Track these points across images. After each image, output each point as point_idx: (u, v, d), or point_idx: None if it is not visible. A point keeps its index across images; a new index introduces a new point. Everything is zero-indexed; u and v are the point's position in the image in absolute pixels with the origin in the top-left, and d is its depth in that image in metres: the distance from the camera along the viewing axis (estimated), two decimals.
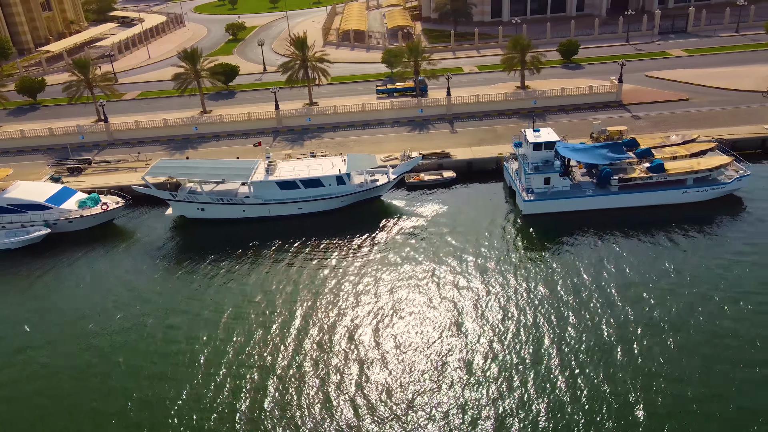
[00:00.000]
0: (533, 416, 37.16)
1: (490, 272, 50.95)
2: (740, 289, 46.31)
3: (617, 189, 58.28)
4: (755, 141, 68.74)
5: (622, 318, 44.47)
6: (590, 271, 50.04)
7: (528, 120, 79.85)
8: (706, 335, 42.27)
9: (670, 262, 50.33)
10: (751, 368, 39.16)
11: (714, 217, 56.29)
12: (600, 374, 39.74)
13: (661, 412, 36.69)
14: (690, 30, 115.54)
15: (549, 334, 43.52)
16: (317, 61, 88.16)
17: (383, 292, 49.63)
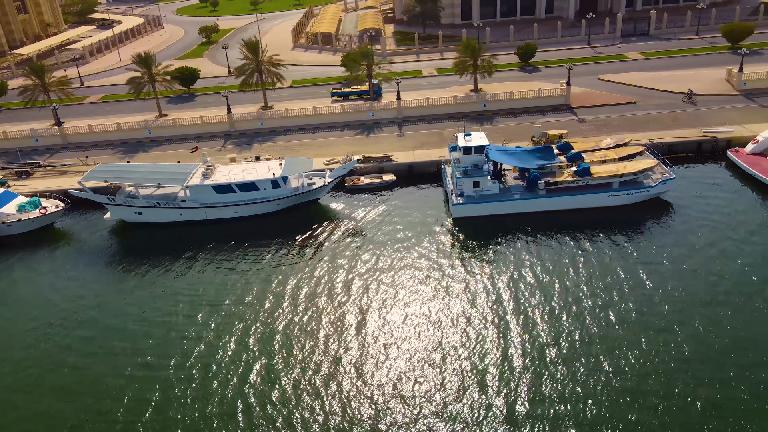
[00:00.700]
0: None
1: (417, 275, 51.88)
2: (656, 289, 47.37)
3: (545, 192, 59.22)
4: (691, 144, 69.67)
5: (540, 318, 45.46)
6: (512, 273, 50.99)
7: (476, 123, 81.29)
8: (625, 333, 43.30)
9: (590, 263, 51.32)
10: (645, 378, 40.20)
11: (638, 219, 57.22)
12: (517, 378, 40.70)
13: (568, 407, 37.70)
14: (652, 33, 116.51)
15: (468, 335, 44.43)
16: (271, 65, 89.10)
17: (314, 294, 50.52)
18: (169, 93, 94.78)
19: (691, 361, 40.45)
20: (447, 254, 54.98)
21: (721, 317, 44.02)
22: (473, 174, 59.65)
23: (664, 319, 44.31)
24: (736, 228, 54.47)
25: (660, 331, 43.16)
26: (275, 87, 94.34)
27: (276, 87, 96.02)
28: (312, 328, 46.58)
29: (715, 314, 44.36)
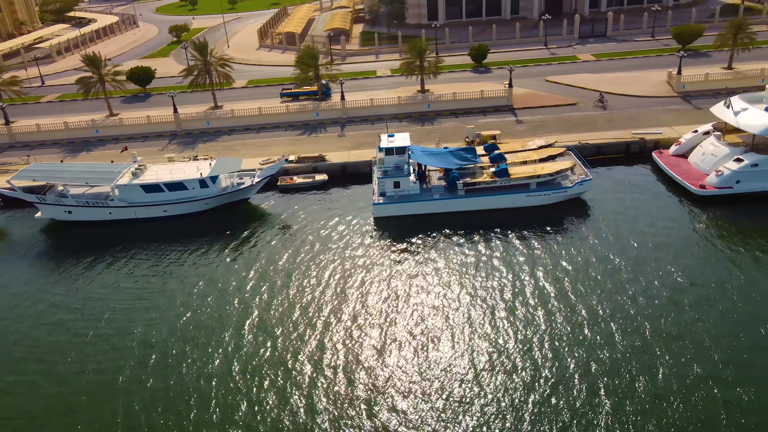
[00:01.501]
0: None
1: (336, 272, 52.92)
2: (562, 286, 48.61)
3: (464, 193, 60.35)
4: (620, 146, 70.75)
5: (448, 314, 46.60)
6: (425, 271, 52.10)
7: (418, 123, 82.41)
8: (534, 327, 44.46)
9: (499, 261, 52.37)
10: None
11: (554, 220, 58.17)
12: (425, 375, 41.86)
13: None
14: (609, 34, 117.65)
15: (385, 330, 45.50)
16: (219, 65, 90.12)
17: (237, 290, 51.51)
18: (119, 93, 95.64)
19: (598, 348, 41.66)
20: (366, 252, 55.89)
21: (627, 311, 45.24)
22: (394, 174, 60.73)
23: (573, 313, 45.42)
24: (645, 227, 55.45)
25: (573, 326, 44.34)
26: (225, 87, 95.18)
27: (226, 87, 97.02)
28: (235, 324, 47.41)
29: (621, 308, 45.66)
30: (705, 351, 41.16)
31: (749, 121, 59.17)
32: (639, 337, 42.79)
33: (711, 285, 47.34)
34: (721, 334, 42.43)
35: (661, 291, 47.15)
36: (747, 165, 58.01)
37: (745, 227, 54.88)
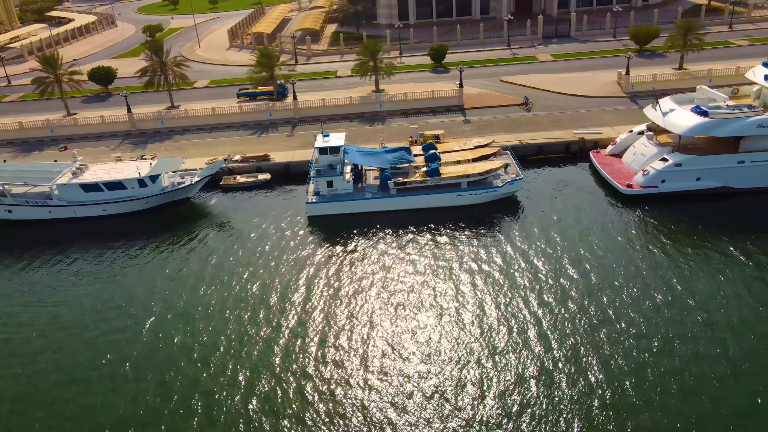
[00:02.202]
0: None
1: (269, 268, 53.97)
2: (489, 283, 49.55)
3: (396, 192, 61.25)
4: (560, 146, 71.62)
5: (373, 311, 47.46)
6: (350, 270, 52.99)
7: (369, 123, 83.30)
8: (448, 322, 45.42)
9: (427, 259, 53.23)
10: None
11: (484, 218, 59.01)
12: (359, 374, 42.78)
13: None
14: (573, 35, 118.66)
15: (317, 328, 46.29)
16: (175, 65, 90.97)
17: (174, 288, 52.44)
18: (75, 93, 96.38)
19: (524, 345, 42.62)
20: (297, 250, 56.67)
21: (548, 307, 46.15)
22: (327, 174, 61.64)
23: (494, 309, 46.30)
24: (571, 226, 56.27)
25: (494, 321, 45.29)
26: (186, 87, 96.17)
27: (187, 87, 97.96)
28: (169, 321, 48.23)
29: (543, 303, 46.57)
30: (626, 347, 41.94)
31: (675, 121, 60.04)
32: (558, 332, 43.56)
33: (633, 284, 47.97)
34: (632, 327, 43.43)
35: (579, 286, 48.07)
36: (671, 165, 58.93)
37: (667, 226, 55.66)
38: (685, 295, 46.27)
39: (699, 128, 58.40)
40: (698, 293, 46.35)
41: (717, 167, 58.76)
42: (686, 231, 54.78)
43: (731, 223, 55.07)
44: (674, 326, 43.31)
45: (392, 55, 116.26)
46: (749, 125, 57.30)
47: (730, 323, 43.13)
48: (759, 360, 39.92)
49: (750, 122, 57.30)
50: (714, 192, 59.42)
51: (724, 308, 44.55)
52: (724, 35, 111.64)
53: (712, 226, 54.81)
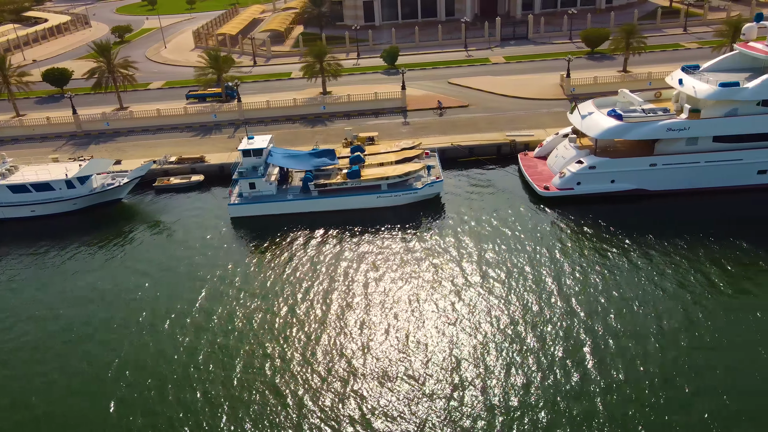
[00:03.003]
0: None
1: (191, 267, 54.87)
2: (398, 283, 50.39)
3: (317, 194, 62.10)
4: (491, 147, 72.46)
5: (291, 312, 48.38)
6: (267, 270, 53.88)
7: (311, 125, 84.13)
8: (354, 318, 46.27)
9: (346, 261, 53.87)
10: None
11: (405, 219, 59.78)
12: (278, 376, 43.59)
13: None
14: (530, 36, 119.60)
15: (230, 328, 46.93)
16: (122, 67, 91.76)
17: (96, 288, 53.25)
18: (23, 95, 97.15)
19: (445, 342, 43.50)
20: (218, 250, 57.57)
21: (460, 305, 47.02)
22: (249, 176, 62.46)
23: (402, 306, 47.19)
24: (487, 227, 56.97)
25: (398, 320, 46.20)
26: (140, 89, 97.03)
27: (141, 89, 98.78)
28: (96, 321, 48.96)
29: (458, 301, 47.44)
30: (533, 345, 42.92)
31: (590, 124, 60.90)
32: (461, 328, 44.47)
33: (538, 286, 48.66)
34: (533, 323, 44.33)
35: (488, 285, 49.01)
36: (585, 167, 59.78)
37: (578, 227, 56.26)
38: (585, 294, 47.10)
39: (612, 131, 59.28)
40: (600, 292, 47.16)
41: (630, 170, 59.62)
42: (595, 231, 55.53)
43: (640, 224, 55.80)
44: (574, 324, 44.15)
45: (350, 56, 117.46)
46: (659, 129, 58.17)
47: (636, 322, 43.76)
48: (664, 359, 40.59)
49: (660, 126, 58.16)
50: (628, 194, 60.30)
51: (628, 309, 45.15)
52: (677, 38, 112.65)
53: (620, 227, 55.57)
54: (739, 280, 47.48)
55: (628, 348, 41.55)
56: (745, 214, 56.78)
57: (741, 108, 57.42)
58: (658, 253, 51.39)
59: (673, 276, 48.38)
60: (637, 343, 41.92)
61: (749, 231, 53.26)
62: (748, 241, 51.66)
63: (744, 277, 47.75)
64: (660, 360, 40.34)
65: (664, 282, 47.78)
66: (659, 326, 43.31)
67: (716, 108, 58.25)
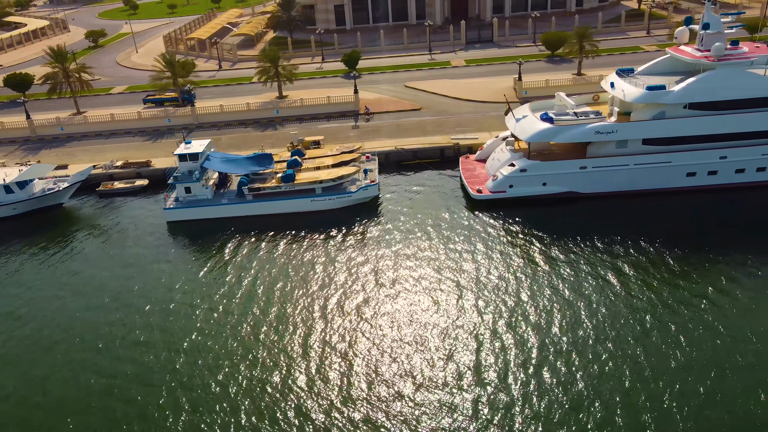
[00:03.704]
0: None
1: (123, 271, 55.36)
2: (333, 286, 50.63)
3: (251, 198, 62.39)
4: (435, 151, 72.72)
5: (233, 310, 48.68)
6: (201, 270, 54.46)
7: (262, 129, 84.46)
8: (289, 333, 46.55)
9: (278, 264, 54.26)
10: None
11: (339, 223, 59.98)
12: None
13: None
14: (495, 40, 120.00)
15: (180, 333, 46.99)
16: (78, 71, 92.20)
17: (29, 291, 53.74)
18: (3, 98, 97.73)
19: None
20: (154, 254, 58.14)
21: (395, 306, 47.53)
22: (185, 180, 62.72)
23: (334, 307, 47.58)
24: (420, 231, 57.17)
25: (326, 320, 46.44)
26: (82, 94, 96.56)
27: (103, 93, 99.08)
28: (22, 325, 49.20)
29: (394, 302, 47.95)
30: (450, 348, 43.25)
31: (522, 128, 61.15)
32: (391, 327, 44.98)
33: (470, 289, 48.87)
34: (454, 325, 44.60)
35: (416, 288, 49.37)
36: (517, 170, 60.02)
37: (507, 229, 56.42)
38: (505, 296, 47.42)
39: (541, 134, 59.54)
40: (523, 293, 47.52)
41: (561, 173, 59.85)
42: (524, 234, 55.62)
43: (569, 227, 55.93)
44: (497, 324, 44.58)
45: (315, 60, 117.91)
46: (588, 131, 58.42)
47: (564, 323, 44.12)
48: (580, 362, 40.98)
49: (588, 129, 58.42)
50: (560, 197, 60.56)
51: (559, 311, 45.43)
52: (640, 40, 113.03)
53: (549, 230, 55.68)
54: (664, 279, 47.91)
55: (550, 345, 42.02)
56: (674, 215, 57.05)
57: (668, 111, 57.70)
58: (583, 254, 51.62)
59: (595, 276, 48.71)
60: (560, 341, 42.28)
61: (677, 232, 53.66)
62: (675, 242, 51.97)
63: (671, 275, 48.23)
64: (590, 354, 40.90)
65: (587, 281, 48.23)
66: (585, 324, 43.78)
67: (645, 111, 58.53)
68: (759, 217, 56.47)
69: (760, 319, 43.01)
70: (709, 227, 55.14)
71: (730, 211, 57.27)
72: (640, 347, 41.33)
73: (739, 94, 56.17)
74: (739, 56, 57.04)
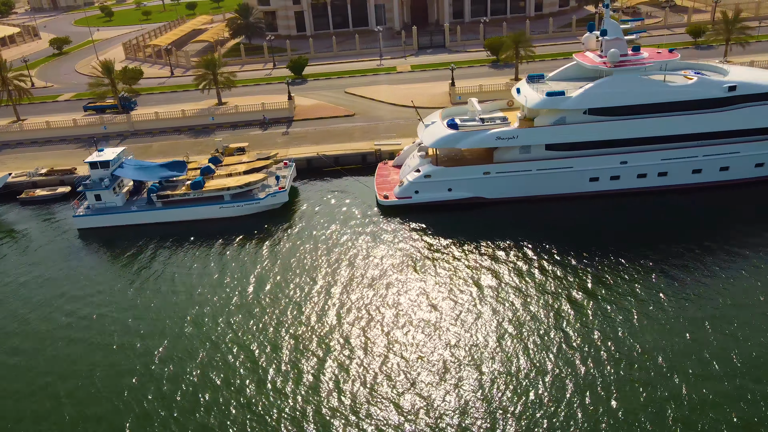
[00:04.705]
0: None
1: (29, 282, 55.56)
2: (232, 289, 51.14)
3: (161, 205, 62.67)
4: (357, 157, 72.99)
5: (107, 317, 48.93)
6: (113, 277, 55.34)
7: (195, 136, 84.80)
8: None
9: (183, 270, 54.87)
10: None
11: (248, 229, 60.29)
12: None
13: None
14: (448, 45, 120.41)
15: None
16: (15, 79, 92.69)
17: None
18: None
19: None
20: (58, 260, 58.61)
21: (310, 309, 47.95)
22: (95, 187, 63.05)
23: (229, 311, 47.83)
24: (322, 237, 57.40)
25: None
26: (18, 102, 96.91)
27: (49, 100, 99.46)
28: None
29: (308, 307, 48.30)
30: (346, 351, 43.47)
31: (428, 134, 61.41)
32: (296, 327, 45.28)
33: (370, 294, 49.22)
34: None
35: (320, 294, 49.74)
36: (421, 176, 60.27)
37: (412, 234, 56.68)
38: (408, 299, 47.96)
39: (444, 140, 59.78)
40: (422, 299, 47.87)
41: (465, 178, 60.07)
42: (424, 240, 55.80)
43: (468, 231, 56.34)
44: (398, 326, 44.97)
45: (267, 66, 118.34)
46: (488, 137, 58.68)
47: (464, 325, 44.55)
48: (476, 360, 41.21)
49: (490, 135, 58.68)
50: (467, 202, 60.77)
51: (458, 314, 45.76)
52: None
53: (450, 235, 56.06)
54: (565, 283, 48.21)
55: (461, 349, 42.41)
56: (576, 221, 57.24)
57: (568, 117, 57.94)
58: (480, 259, 51.90)
59: (494, 280, 49.23)
60: (459, 345, 42.52)
61: (578, 236, 54.08)
62: (575, 246, 52.30)
63: (572, 279, 48.56)
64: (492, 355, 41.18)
65: (486, 284, 48.75)
66: (489, 325, 44.38)
67: (546, 117, 58.78)
68: (658, 219, 56.46)
69: (654, 316, 43.31)
70: (610, 231, 55.20)
71: (632, 216, 57.35)
72: (536, 347, 41.76)
73: (634, 100, 56.42)
74: (635, 62, 57.28)
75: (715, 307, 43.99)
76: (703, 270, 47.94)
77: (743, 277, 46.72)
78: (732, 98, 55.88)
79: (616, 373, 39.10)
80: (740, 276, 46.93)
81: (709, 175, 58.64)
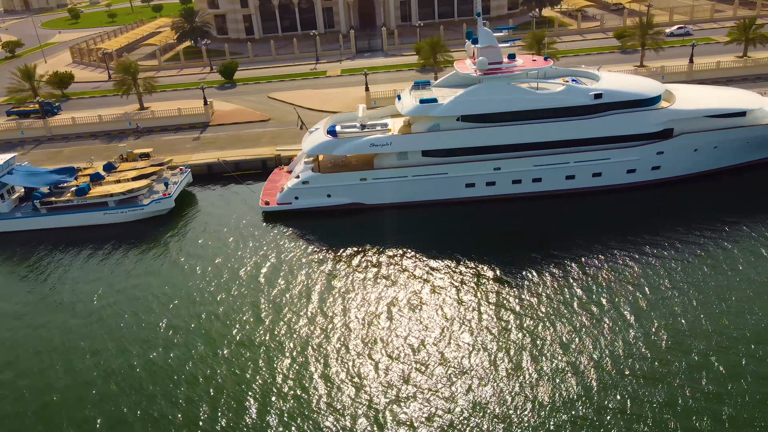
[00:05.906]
0: None
1: None
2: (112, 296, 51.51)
3: (45, 211, 63.09)
4: (257, 162, 73.41)
5: None
6: None
7: (109, 141, 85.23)
8: None
9: (65, 278, 55.07)
10: None
11: (133, 236, 60.49)
12: None
13: None
14: (385, 49, 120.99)
15: None
16: None
17: None
18: None
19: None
20: None
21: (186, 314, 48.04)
22: None
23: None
24: (204, 244, 57.75)
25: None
26: None
27: None
28: None
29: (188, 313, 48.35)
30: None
31: (307, 141, 61.97)
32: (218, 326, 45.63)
33: (247, 302, 49.65)
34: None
35: (202, 301, 49.81)
36: (299, 182, 60.73)
37: (291, 241, 56.81)
38: (284, 306, 47.98)
39: (320, 147, 60.25)
40: (300, 306, 48.01)
41: (343, 184, 60.50)
42: (301, 245, 55.47)
43: (343, 237, 56.86)
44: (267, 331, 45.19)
45: (205, 71, 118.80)
46: (363, 144, 59.14)
47: (332, 326, 44.87)
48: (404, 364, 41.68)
49: (364, 141, 59.14)
50: (346, 208, 61.25)
51: (332, 318, 46.15)
52: None
53: (325, 240, 56.28)
54: (442, 289, 48.34)
55: None
56: (452, 226, 57.57)
57: (442, 123, 58.45)
58: (354, 265, 52.10)
59: (368, 284, 49.60)
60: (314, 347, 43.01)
61: (454, 242, 54.34)
62: (454, 251, 52.53)
63: (449, 285, 48.64)
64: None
65: (356, 292, 49.01)
66: (360, 333, 44.50)
67: (422, 123, 59.28)
68: (532, 226, 56.99)
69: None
70: (484, 236, 55.66)
71: (508, 221, 57.62)
72: (397, 350, 42.22)
73: (502, 107, 56.93)
74: (504, 70, 57.80)
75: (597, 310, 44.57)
76: (587, 273, 48.36)
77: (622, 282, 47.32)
78: (597, 106, 56.45)
79: None
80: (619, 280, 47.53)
81: (582, 181, 59.16)
